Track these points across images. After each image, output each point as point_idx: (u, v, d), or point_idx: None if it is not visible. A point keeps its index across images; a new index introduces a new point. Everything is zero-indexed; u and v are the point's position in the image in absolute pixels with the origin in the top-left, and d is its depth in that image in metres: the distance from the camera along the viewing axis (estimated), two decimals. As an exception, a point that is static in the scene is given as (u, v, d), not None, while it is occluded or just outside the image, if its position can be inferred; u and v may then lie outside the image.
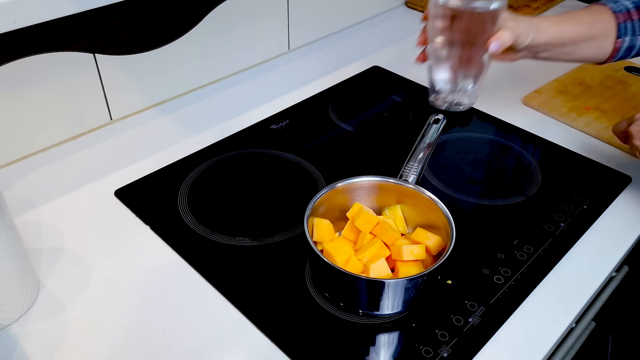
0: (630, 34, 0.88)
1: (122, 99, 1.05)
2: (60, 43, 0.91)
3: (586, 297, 0.75)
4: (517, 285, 0.75)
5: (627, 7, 0.88)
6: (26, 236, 0.78)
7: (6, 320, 0.69)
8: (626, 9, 0.88)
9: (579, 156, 0.99)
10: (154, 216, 0.85)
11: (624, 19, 0.88)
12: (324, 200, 0.76)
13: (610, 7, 0.88)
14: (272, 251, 0.80)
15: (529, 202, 0.89)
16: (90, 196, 0.89)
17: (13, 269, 0.67)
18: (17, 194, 0.89)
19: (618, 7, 0.88)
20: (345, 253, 0.71)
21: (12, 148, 0.94)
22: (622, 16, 0.88)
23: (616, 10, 0.88)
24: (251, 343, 0.68)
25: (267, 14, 1.21)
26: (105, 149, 1.00)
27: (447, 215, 0.73)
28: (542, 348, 0.69)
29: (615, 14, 0.88)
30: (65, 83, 0.95)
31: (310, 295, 0.74)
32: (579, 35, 0.86)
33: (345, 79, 1.22)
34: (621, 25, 0.88)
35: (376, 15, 1.50)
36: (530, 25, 0.82)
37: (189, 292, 0.74)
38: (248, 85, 1.19)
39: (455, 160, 0.99)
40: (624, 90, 1.17)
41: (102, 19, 0.94)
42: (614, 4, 0.89)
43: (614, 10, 0.88)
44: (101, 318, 0.71)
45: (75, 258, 0.79)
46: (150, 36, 1.02)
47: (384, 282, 0.67)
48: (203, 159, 0.97)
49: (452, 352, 0.67)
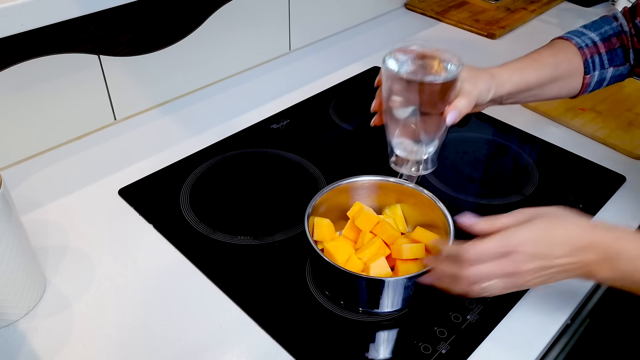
0: (599, 68, 0.84)
1: (126, 100, 1.06)
2: (66, 45, 0.92)
3: (581, 294, 0.76)
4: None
5: (593, 41, 0.84)
6: (33, 234, 0.79)
7: (14, 316, 0.70)
8: (592, 43, 0.84)
9: (574, 156, 1.01)
10: (157, 215, 0.86)
11: (590, 53, 0.83)
12: (325, 199, 0.77)
13: (574, 42, 0.84)
14: (273, 250, 0.81)
15: (526, 202, 0.90)
16: (94, 195, 0.91)
17: (20, 266, 0.69)
18: (23, 193, 0.90)
19: (583, 41, 0.84)
20: (346, 252, 0.72)
21: (18, 148, 0.96)
22: (588, 51, 0.83)
23: (582, 46, 0.83)
24: (253, 340, 0.69)
25: (269, 16, 1.22)
26: (109, 148, 1.01)
27: (446, 214, 0.74)
28: (538, 344, 0.70)
29: (580, 50, 0.83)
30: (70, 84, 0.96)
31: (311, 294, 0.75)
32: (543, 78, 0.81)
33: (346, 79, 1.23)
34: (588, 61, 0.83)
35: (376, 17, 1.51)
36: (489, 81, 0.76)
37: (192, 289, 0.76)
38: (249, 86, 1.20)
39: (454, 160, 1.00)
40: (618, 91, 1.18)
41: (107, 21, 0.95)
42: (578, 38, 0.84)
43: (579, 46, 0.83)
44: (106, 314, 0.72)
45: (80, 256, 0.80)
46: (154, 38, 1.04)
47: (384, 281, 0.68)
48: (205, 158, 0.98)
49: (450, 349, 0.68)
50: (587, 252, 0.60)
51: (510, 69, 0.80)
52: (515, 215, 0.64)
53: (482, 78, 0.75)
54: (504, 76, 0.78)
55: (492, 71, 0.78)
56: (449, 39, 1.42)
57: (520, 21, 1.49)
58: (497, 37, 1.42)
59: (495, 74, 0.78)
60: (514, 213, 0.64)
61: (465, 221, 0.64)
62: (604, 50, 0.84)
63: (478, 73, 0.76)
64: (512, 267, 0.60)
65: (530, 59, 0.82)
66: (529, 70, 0.80)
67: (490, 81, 0.76)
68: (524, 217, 0.63)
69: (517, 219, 0.63)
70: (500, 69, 0.79)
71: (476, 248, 0.61)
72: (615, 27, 0.85)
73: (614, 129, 1.06)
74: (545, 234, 0.61)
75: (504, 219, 0.63)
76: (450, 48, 0.71)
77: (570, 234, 0.61)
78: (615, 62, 0.85)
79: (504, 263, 0.60)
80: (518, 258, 0.60)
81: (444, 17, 1.51)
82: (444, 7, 1.55)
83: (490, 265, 0.61)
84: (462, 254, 0.61)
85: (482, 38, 1.43)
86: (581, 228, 0.62)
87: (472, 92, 0.72)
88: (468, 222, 0.64)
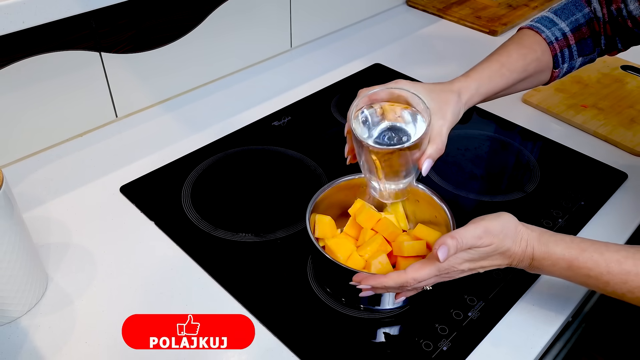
0: (568, 60, 0.84)
1: (127, 97, 1.06)
2: (67, 42, 0.92)
3: (583, 292, 0.76)
4: (515, 280, 0.77)
5: (563, 32, 0.82)
6: (35, 231, 0.79)
7: (16, 313, 0.70)
8: (562, 35, 0.82)
9: (576, 153, 1.01)
10: (158, 212, 0.87)
11: (559, 47, 0.82)
12: (326, 196, 0.77)
13: (545, 37, 0.82)
14: (274, 247, 0.81)
15: (527, 199, 0.91)
16: (96, 192, 0.91)
17: (22, 263, 0.69)
18: (25, 190, 0.90)
19: (553, 34, 0.82)
20: (347, 249, 0.72)
21: (20, 145, 0.96)
22: (558, 45, 0.82)
23: (551, 41, 0.82)
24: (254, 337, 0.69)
25: (270, 12, 1.22)
26: (110, 145, 1.01)
27: (447, 211, 0.74)
28: (539, 342, 0.70)
29: (550, 45, 0.82)
30: (71, 81, 0.96)
31: (312, 291, 0.75)
32: (511, 82, 0.80)
33: (347, 76, 1.23)
34: (557, 55, 0.82)
35: (378, 14, 1.51)
36: (457, 104, 0.73)
37: (193, 286, 0.76)
38: (251, 83, 1.20)
39: (456, 156, 1.00)
40: (620, 88, 1.18)
41: (108, 18, 0.95)
42: (548, 30, 0.82)
43: (549, 40, 0.82)
44: (107, 311, 0.72)
45: (82, 253, 0.80)
46: (155, 35, 1.04)
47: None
48: (206, 155, 0.98)
49: (451, 346, 0.68)
50: (506, 239, 0.64)
51: (477, 80, 0.77)
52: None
53: (449, 104, 0.73)
54: (471, 89, 0.76)
55: (460, 87, 0.75)
56: (450, 36, 1.42)
57: (522, 18, 1.49)
58: (499, 34, 1.42)
59: (463, 90, 0.75)
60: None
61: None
62: (573, 42, 0.83)
63: (444, 98, 0.73)
64: (447, 278, 0.66)
65: (498, 64, 0.80)
66: (497, 79, 0.79)
67: (458, 103, 0.74)
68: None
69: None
70: (467, 81, 0.77)
71: (417, 277, 0.64)
72: (586, 14, 0.84)
73: (616, 126, 1.06)
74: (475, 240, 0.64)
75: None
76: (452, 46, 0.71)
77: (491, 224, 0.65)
78: (584, 52, 0.85)
79: (441, 278, 0.66)
80: (453, 275, 0.66)
81: (445, 13, 1.51)
82: (445, 3, 1.55)
83: (430, 281, 0.65)
84: (406, 282, 0.64)
85: (484, 35, 1.43)
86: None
87: (442, 131, 0.71)
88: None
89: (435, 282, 0.65)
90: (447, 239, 0.62)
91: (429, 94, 0.72)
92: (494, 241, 0.63)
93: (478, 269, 0.66)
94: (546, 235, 0.66)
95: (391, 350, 0.68)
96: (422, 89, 0.72)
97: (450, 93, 0.74)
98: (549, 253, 0.65)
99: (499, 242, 0.64)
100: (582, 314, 0.93)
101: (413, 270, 0.64)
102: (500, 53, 0.82)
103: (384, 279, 0.64)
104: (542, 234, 0.66)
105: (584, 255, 0.64)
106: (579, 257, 0.64)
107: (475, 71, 0.79)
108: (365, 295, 0.67)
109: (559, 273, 0.66)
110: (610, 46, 0.86)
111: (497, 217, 0.65)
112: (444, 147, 0.71)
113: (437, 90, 0.74)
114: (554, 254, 0.65)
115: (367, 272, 0.66)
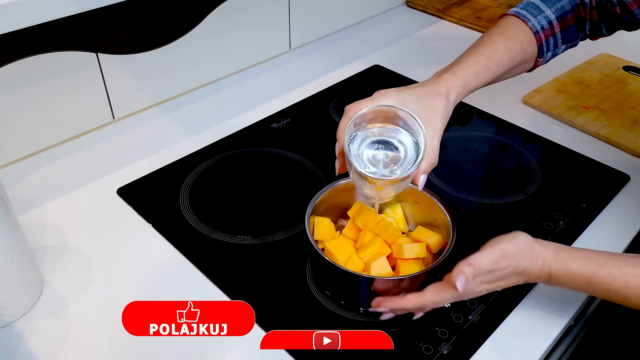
0: (552, 49, 0.84)
1: (124, 98, 1.05)
2: (63, 43, 0.91)
3: (585, 296, 0.75)
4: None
5: (549, 20, 0.82)
6: (30, 234, 0.78)
7: (11, 317, 0.70)
8: (548, 23, 0.82)
9: (578, 155, 1.00)
10: (156, 214, 0.86)
11: (545, 36, 0.82)
12: (325, 198, 0.77)
13: (530, 26, 0.81)
14: (273, 249, 0.80)
15: (528, 201, 0.90)
16: (93, 194, 0.90)
17: (17, 266, 0.68)
18: (20, 192, 0.89)
19: (539, 23, 0.82)
20: (346, 251, 0.72)
21: (15, 147, 0.95)
22: (544, 34, 0.82)
23: (537, 30, 0.81)
24: (252, 340, 0.68)
25: (269, 13, 1.22)
26: (107, 147, 1.00)
27: (447, 213, 0.74)
28: (541, 346, 0.69)
29: (536, 35, 0.82)
30: (68, 82, 0.96)
31: (312, 293, 0.74)
32: (498, 74, 0.80)
33: (346, 77, 1.22)
34: (543, 45, 0.82)
35: (377, 15, 1.50)
36: (445, 106, 0.73)
37: (191, 289, 0.75)
38: (249, 84, 1.20)
39: (456, 158, 0.99)
40: (622, 89, 1.17)
41: (105, 19, 0.94)
42: (534, 19, 0.82)
43: (535, 30, 0.81)
44: (104, 315, 0.71)
45: (78, 256, 0.79)
46: (153, 35, 1.03)
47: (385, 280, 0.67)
48: (205, 157, 0.98)
49: (452, 350, 0.67)
50: (522, 258, 0.65)
51: (464, 77, 0.76)
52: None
53: (439, 111, 0.72)
54: (459, 87, 0.75)
55: (447, 87, 0.74)
56: (450, 37, 1.41)
57: (522, 19, 1.49)
58: (499, 35, 1.42)
59: (451, 90, 0.74)
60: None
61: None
62: (558, 30, 0.83)
63: (433, 105, 0.72)
64: (465, 298, 0.67)
65: (485, 58, 0.78)
66: (484, 75, 0.78)
67: (447, 106, 0.73)
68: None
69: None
70: (455, 79, 0.75)
71: (435, 300, 0.65)
72: (572, 0, 0.84)
73: (618, 127, 1.05)
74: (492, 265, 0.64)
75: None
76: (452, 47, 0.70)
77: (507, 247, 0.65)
78: (568, 39, 0.85)
79: (459, 299, 0.66)
80: (471, 295, 0.66)
81: (445, 14, 1.50)
82: (445, 4, 1.55)
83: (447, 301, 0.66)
84: (423, 305, 0.66)
85: (484, 36, 1.42)
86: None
87: (434, 142, 0.71)
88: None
89: (453, 301, 0.66)
90: (465, 267, 0.62)
91: (418, 101, 0.71)
92: (511, 264, 0.64)
93: (495, 288, 0.66)
94: (562, 252, 0.66)
95: (391, 353, 0.67)
96: (410, 97, 0.71)
97: (438, 97, 0.73)
98: (567, 270, 0.65)
99: (515, 264, 0.64)
100: (584, 317, 0.92)
101: (431, 293, 0.65)
102: (487, 46, 0.80)
103: (403, 302, 0.65)
104: (558, 251, 0.66)
105: (601, 271, 0.64)
106: (596, 273, 0.64)
107: (461, 67, 0.77)
108: (386, 318, 0.68)
109: (578, 288, 0.66)
110: (595, 32, 0.86)
111: (512, 238, 0.65)
112: (437, 158, 0.71)
113: (425, 95, 0.73)
114: (572, 271, 0.65)
115: (385, 297, 0.67)
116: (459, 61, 0.78)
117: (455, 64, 0.78)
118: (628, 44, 1.38)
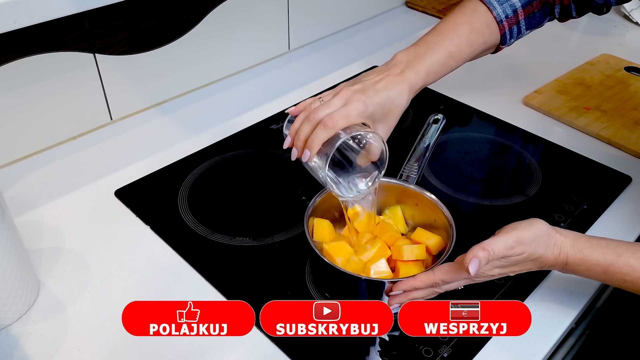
0: (515, 36, 0.84)
1: (122, 99, 1.05)
2: (61, 43, 0.91)
3: (586, 298, 0.75)
4: (517, 285, 0.75)
5: (514, 9, 0.82)
6: (26, 236, 0.77)
7: (6, 320, 0.69)
8: (513, 11, 0.82)
9: (579, 156, 0.99)
10: (154, 216, 0.85)
11: (509, 25, 0.82)
12: (325, 200, 0.76)
13: (495, 14, 0.81)
14: (272, 251, 0.80)
15: (529, 202, 0.89)
16: (90, 196, 0.89)
17: (13, 269, 0.67)
18: (17, 194, 0.89)
19: (504, 11, 0.81)
20: (346, 253, 0.71)
21: (12, 148, 0.94)
22: (507, 23, 0.82)
23: (501, 19, 0.81)
24: (251, 343, 0.68)
25: (268, 14, 1.21)
26: (105, 149, 1.00)
27: (447, 215, 0.73)
28: (542, 348, 0.69)
29: (500, 24, 0.82)
30: (65, 83, 0.95)
31: (311, 295, 0.74)
32: (456, 68, 0.81)
33: (346, 78, 1.22)
34: (506, 33, 0.82)
35: (376, 15, 1.50)
36: (402, 110, 0.75)
37: (189, 292, 0.74)
38: (248, 86, 1.19)
39: (456, 160, 0.99)
40: (624, 90, 1.17)
41: (103, 19, 0.94)
42: (500, 7, 0.81)
43: (499, 19, 0.81)
44: (101, 318, 0.71)
45: (75, 258, 0.79)
46: (151, 36, 1.02)
47: (384, 282, 0.67)
48: (203, 159, 0.97)
49: (452, 352, 0.67)
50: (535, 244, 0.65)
51: (425, 75, 0.77)
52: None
53: (397, 112, 0.74)
54: (420, 83, 0.76)
55: (410, 86, 0.75)
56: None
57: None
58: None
59: (412, 88, 0.75)
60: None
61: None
62: (522, 17, 0.83)
63: (392, 110, 0.74)
64: (476, 281, 0.67)
65: (447, 54, 0.79)
66: (444, 70, 0.79)
67: (406, 105, 0.75)
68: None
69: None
70: (417, 78, 0.76)
71: (445, 279, 0.64)
72: None
73: (619, 128, 1.05)
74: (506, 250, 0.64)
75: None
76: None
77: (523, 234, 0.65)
78: (532, 25, 0.85)
79: (470, 281, 0.66)
80: (482, 278, 0.66)
81: (445, 14, 1.49)
82: (445, 4, 1.54)
83: (460, 283, 0.66)
84: (434, 283, 0.65)
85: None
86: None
87: (388, 129, 0.74)
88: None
89: (464, 284, 0.66)
90: (479, 252, 0.62)
91: (382, 109, 0.73)
92: (526, 250, 0.64)
93: (509, 272, 0.66)
94: (581, 240, 0.66)
95: (390, 356, 0.67)
96: (376, 106, 0.72)
97: (400, 98, 0.74)
98: (584, 259, 0.65)
99: (531, 250, 0.64)
100: (586, 320, 0.92)
101: (442, 272, 0.64)
102: (451, 39, 0.80)
103: (414, 281, 0.64)
104: (576, 240, 0.66)
105: (620, 261, 0.64)
106: (614, 262, 0.64)
107: (423, 62, 0.77)
108: (399, 302, 0.65)
109: (594, 277, 0.66)
110: (564, 14, 0.87)
111: (529, 225, 0.65)
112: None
113: (389, 102, 0.73)
114: (589, 260, 0.65)
115: (393, 278, 0.67)
116: (422, 55, 0.78)
117: (418, 57, 0.78)
118: (630, 44, 1.38)
